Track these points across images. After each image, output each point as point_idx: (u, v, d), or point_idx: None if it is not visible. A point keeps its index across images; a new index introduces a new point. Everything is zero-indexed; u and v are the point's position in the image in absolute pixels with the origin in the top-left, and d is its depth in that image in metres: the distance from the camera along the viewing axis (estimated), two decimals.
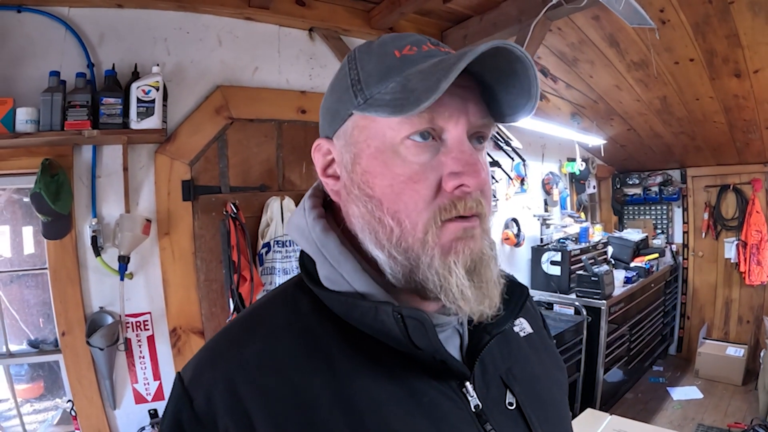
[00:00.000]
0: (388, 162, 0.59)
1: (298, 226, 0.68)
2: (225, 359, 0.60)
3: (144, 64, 2.29)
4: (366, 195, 0.61)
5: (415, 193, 0.58)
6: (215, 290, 2.50)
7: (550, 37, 3.25)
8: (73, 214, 2.20)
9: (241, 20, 2.64)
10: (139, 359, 2.38)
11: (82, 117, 2.05)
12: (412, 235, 0.58)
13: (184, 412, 0.58)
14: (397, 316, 0.57)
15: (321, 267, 0.65)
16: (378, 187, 0.60)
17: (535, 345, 0.79)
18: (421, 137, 0.58)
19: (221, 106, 2.53)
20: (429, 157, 0.59)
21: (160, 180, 2.39)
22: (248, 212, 2.52)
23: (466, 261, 0.59)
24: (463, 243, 0.59)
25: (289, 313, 0.65)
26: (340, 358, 0.60)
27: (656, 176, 5.91)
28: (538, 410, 0.68)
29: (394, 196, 0.59)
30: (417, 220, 0.58)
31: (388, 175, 0.59)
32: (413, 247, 0.59)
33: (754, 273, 5.12)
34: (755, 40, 2.97)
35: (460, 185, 0.58)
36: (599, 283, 3.97)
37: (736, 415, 4.18)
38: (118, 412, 2.33)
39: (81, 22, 2.23)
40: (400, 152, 0.59)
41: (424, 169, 0.58)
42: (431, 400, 0.60)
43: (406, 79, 0.57)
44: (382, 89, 0.58)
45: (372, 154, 0.60)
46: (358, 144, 0.62)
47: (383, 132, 0.60)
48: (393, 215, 0.59)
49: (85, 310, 2.24)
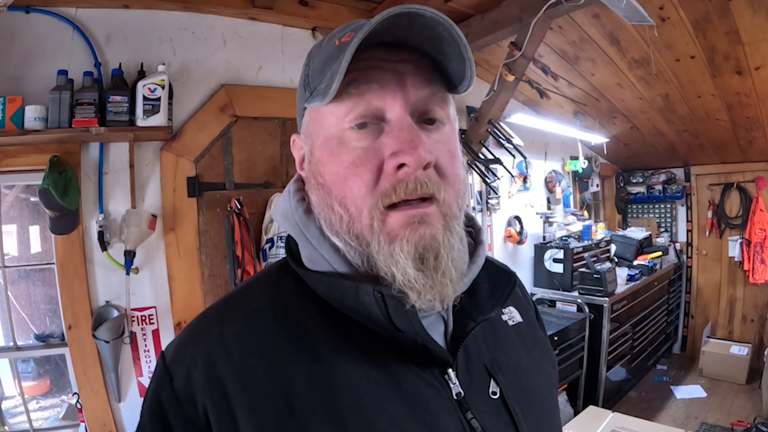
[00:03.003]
0: (334, 150, 0.60)
1: (283, 210, 0.69)
2: (206, 338, 0.61)
3: (150, 63, 2.32)
4: (318, 183, 0.62)
5: (357, 178, 0.58)
6: (219, 285, 2.53)
7: (550, 36, 3.25)
8: (80, 210, 2.23)
9: (245, 20, 2.68)
10: (144, 353, 2.40)
11: (89, 114, 2.08)
12: (359, 221, 0.58)
13: (164, 391, 0.59)
14: (378, 295, 0.56)
15: (303, 247, 0.66)
16: (327, 175, 0.61)
17: (523, 335, 0.77)
18: (360, 124, 0.59)
19: (226, 104, 2.57)
20: (372, 141, 0.59)
21: (166, 177, 2.42)
22: (252, 208, 2.55)
23: (414, 248, 0.57)
24: (411, 229, 0.57)
25: (271, 295, 0.65)
26: (320, 341, 0.60)
27: (660, 174, 5.89)
28: (523, 401, 0.67)
29: (341, 183, 0.59)
30: (362, 206, 0.58)
31: (334, 163, 0.60)
32: (363, 234, 0.59)
33: (758, 271, 5.09)
34: (756, 37, 2.97)
35: (401, 165, 0.57)
36: (602, 280, 3.97)
37: (740, 414, 4.16)
38: (123, 405, 2.35)
39: (88, 22, 2.26)
40: (344, 138, 0.59)
41: (366, 152, 0.58)
42: (411, 386, 0.60)
43: (335, 64, 0.57)
44: (321, 80, 0.60)
45: (321, 143, 0.62)
46: (312, 136, 0.64)
47: (327, 121, 0.61)
48: (341, 202, 0.59)
49: (92, 304, 2.27)
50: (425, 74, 0.61)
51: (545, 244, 4.52)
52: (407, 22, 0.54)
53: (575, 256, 4.29)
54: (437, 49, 0.59)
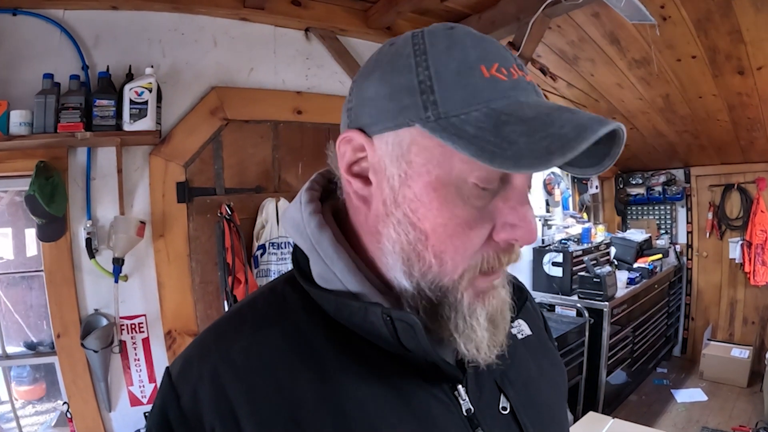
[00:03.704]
0: (448, 199, 0.53)
1: (293, 220, 0.65)
2: (212, 355, 0.58)
3: (139, 65, 2.29)
4: (411, 223, 0.55)
5: (467, 240, 0.54)
6: (211, 292, 2.50)
7: (549, 35, 3.22)
8: (67, 216, 2.21)
9: (236, 21, 2.64)
10: (134, 362, 2.37)
11: (74, 119, 2.06)
12: (449, 277, 0.56)
13: (171, 409, 0.57)
14: (386, 318, 0.55)
15: (314, 264, 0.63)
16: (428, 222, 0.54)
17: (533, 347, 0.76)
18: (486, 185, 0.53)
19: (216, 107, 2.53)
20: (487, 202, 0.54)
21: (155, 182, 2.39)
22: (244, 214, 2.51)
23: (491, 311, 0.58)
24: (491, 295, 0.58)
25: (278, 310, 0.63)
26: (328, 357, 0.58)
27: (660, 176, 5.85)
28: (533, 415, 0.66)
29: (446, 237, 0.54)
30: (459, 264, 0.55)
31: (445, 214, 0.54)
32: (446, 287, 0.56)
33: (759, 273, 5.05)
34: (758, 36, 2.93)
35: (512, 239, 0.55)
36: (601, 284, 3.93)
37: (741, 418, 4.13)
38: (114, 415, 2.33)
39: (76, 24, 2.24)
40: (463, 191, 0.53)
41: (481, 214, 0.54)
42: (421, 403, 0.59)
43: (499, 118, 0.50)
44: (463, 114, 0.51)
45: (430, 183, 0.54)
46: (414, 165, 0.54)
47: (451, 164, 0.53)
48: (437, 254, 0.55)
49: (80, 312, 2.25)
50: None
51: (544, 248, 4.49)
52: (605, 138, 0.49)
53: (575, 260, 4.25)
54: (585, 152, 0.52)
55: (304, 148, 2.82)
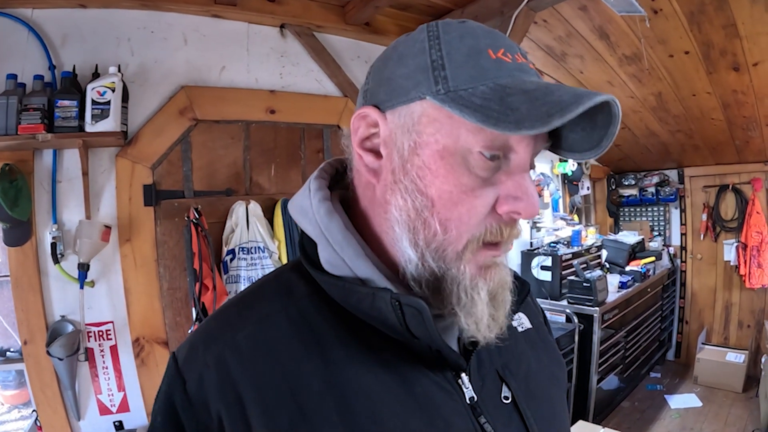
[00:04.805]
0: (455, 167, 0.57)
1: (302, 207, 0.66)
2: (218, 342, 0.60)
3: (106, 64, 2.22)
4: (418, 190, 0.58)
5: (471, 208, 0.57)
6: (179, 299, 2.42)
7: (535, 30, 3.14)
8: (33, 221, 2.16)
9: (207, 18, 2.57)
10: (102, 369, 2.32)
11: (35, 120, 2.01)
12: (453, 246, 0.57)
13: (177, 394, 0.58)
14: (395, 303, 0.56)
15: (323, 250, 0.64)
16: (435, 188, 0.57)
17: (532, 341, 0.78)
18: (490, 155, 0.56)
19: (185, 107, 2.45)
20: (491, 173, 0.57)
21: (121, 184, 2.32)
22: (213, 217, 2.44)
23: (492, 287, 0.60)
24: (493, 271, 0.60)
25: (283, 297, 0.64)
26: (333, 344, 0.59)
27: (653, 176, 5.81)
28: (533, 405, 0.68)
29: (450, 204, 0.57)
30: (463, 233, 0.57)
31: (451, 181, 0.57)
32: (449, 257, 0.58)
33: (754, 276, 5.00)
34: (754, 30, 2.84)
35: (515, 211, 0.57)
36: (591, 289, 3.84)
37: (737, 425, 4.06)
38: (83, 423, 2.28)
39: (44, 23, 2.19)
40: (469, 161, 0.56)
41: (485, 184, 0.57)
42: (424, 390, 0.60)
43: (504, 91, 0.53)
44: (471, 89, 0.54)
45: (438, 151, 0.57)
46: (423, 135, 0.58)
47: (458, 134, 0.56)
48: (442, 221, 0.57)
49: (47, 319, 2.20)
50: None
51: (533, 251, 4.40)
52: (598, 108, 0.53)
53: (564, 263, 4.18)
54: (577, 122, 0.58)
55: (277, 148, 2.74)
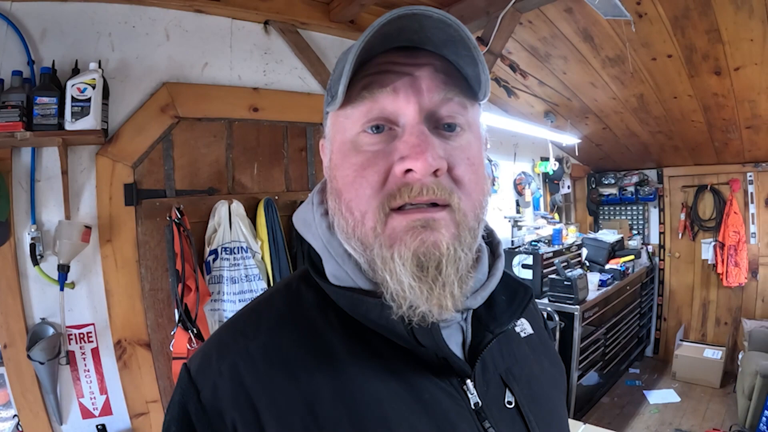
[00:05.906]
0: (347, 153, 0.60)
1: (305, 221, 0.69)
2: (231, 351, 0.61)
3: (86, 60, 2.15)
4: (333, 188, 0.62)
5: (363, 180, 0.58)
6: (162, 300, 2.36)
7: (520, 31, 3.14)
8: (11, 221, 2.08)
9: (190, 13, 2.50)
10: (84, 373, 2.25)
11: (13, 118, 1.94)
12: (363, 225, 0.58)
13: (191, 403, 0.59)
14: None
15: (327, 263, 0.65)
16: (339, 179, 0.60)
17: (534, 345, 0.78)
18: (374, 129, 0.58)
19: (167, 104, 2.39)
20: (385, 145, 0.58)
21: (102, 184, 2.25)
22: (195, 217, 2.38)
23: (413, 255, 0.55)
24: (413, 234, 0.56)
25: (293, 307, 0.65)
26: (342, 353, 0.60)
27: (632, 176, 5.88)
28: (536, 410, 0.68)
29: (348, 185, 0.59)
30: (366, 208, 0.57)
31: (346, 166, 0.59)
32: (367, 238, 0.58)
33: (731, 274, 5.08)
34: (737, 35, 2.88)
35: (407, 170, 0.56)
36: (572, 287, 3.86)
37: (715, 420, 4.13)
38: (65, 427, 2.22)
39: (23, 17, 2.11)
40: (358, 142, 0.59)
41: (376, 156, 0.58)
42: (432, 397, 0.60)
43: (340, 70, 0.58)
44: (338, 85, 0.58)
45: (338, 147, 0.62)
46: (332, 140, 0.64)
47: (344, 125, 0.61)
48: (347, 205, 0.59)
49: (27, 322, 2.12)
50: (442, 78, 0.59)
51: (514, 249, 4.40)
52: (417, 25, 0.55)
53: (545, 262, 4.19)
54: (452, 52, 0.59)
55: (260, 147, 2.69)
